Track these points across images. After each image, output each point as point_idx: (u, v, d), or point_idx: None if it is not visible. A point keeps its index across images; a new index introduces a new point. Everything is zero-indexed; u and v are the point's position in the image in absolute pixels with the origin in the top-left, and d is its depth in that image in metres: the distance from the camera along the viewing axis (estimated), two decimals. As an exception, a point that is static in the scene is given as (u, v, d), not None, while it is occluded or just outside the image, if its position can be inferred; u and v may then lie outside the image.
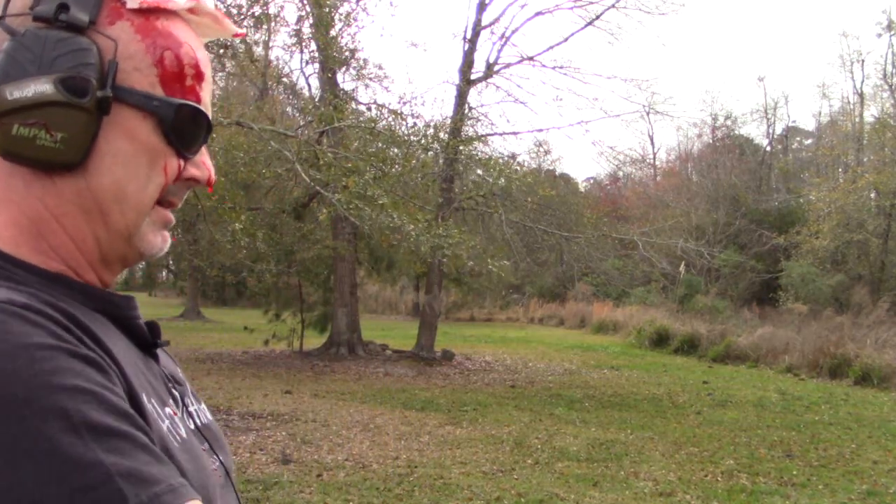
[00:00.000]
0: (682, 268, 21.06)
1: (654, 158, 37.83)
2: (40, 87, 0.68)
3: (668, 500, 5.79)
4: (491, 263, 12.17)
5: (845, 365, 12.45)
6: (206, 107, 0.78)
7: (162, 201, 0.76)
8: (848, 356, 12.56)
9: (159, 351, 0.82)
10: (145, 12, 0.74)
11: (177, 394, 0.80)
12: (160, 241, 0.78)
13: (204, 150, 0.80)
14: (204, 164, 0.79)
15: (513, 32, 16.34)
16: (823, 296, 20.13)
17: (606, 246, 18.25)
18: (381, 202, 9.44)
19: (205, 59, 0.78)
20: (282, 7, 12.46)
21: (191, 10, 0.78)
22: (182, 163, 0.76)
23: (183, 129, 0.75)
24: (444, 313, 21.75)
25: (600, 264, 18.94)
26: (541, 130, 23.68)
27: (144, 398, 0.68)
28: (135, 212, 0.74)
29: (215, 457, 0.80)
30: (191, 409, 0.82)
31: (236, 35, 0.84)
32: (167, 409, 0.74)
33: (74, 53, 0.69)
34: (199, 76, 0.76)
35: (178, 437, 0.71)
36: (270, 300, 16.53)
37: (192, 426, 0.79)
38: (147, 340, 0.79)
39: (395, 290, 28.13)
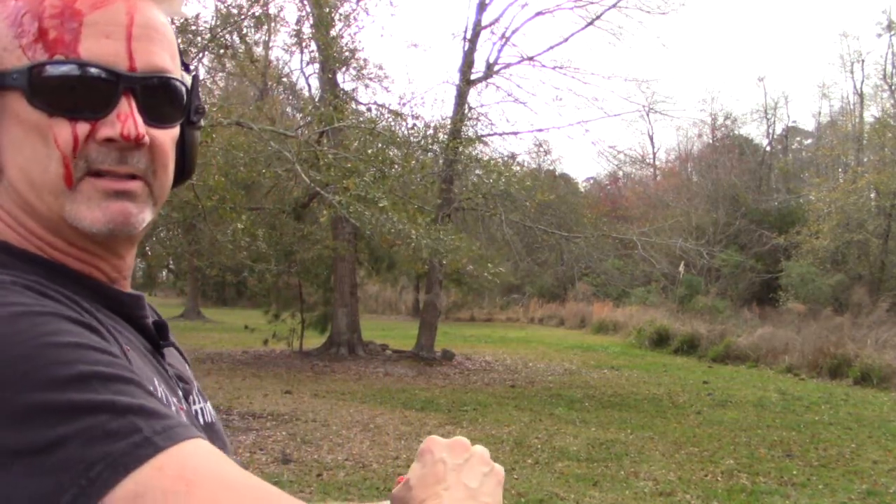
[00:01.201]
0: (681, 268, 21.06)
1: (654, 158, 37.84)
2: None
3: (668, 499, 5.79)
4: (489, 270, 12.20)
5: (845, 365, 12.45)
6: (97, 53, 0.67)
7: (97, 172, 0.69)
8: (848, 356, 12.57)
9: (168, 350, 0.81)
10: None
11: (181, 392, 0.79)
12: (100, 215, 0.69)
13: (126, 102, 0.69)
14: (119, 118, 0.68)
15: (513, 32, 16.36)
16: (823, 296, 20.14)
17: (606, 246, 18.26)
18: (381, 205, 9.44)
19: (92, 3, 0.68)
20: (282, 7, 12.48)
21: None
22: (84, 126, 0.68)
23: (56, 90, 0.66)
24: (444, 313, 21.75)
25: (600, 264, 18.96)
26: (541, 130, 23.63)
27: (145, 379, 0.67)
28: (49, 194, 0.68)
29: None
30: (195, 407, 0.81)
31: None
32: (173, 400, 0.74)
33: None
34: (67, 23, 0.66)
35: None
36: (270, 300, 16.54)
37: (196, 424, 0.78)
38: (154, 339, 0.78)
39: (395, 290, 28.14)
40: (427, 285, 16.46)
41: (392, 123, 12.24)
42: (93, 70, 0.67)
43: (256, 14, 10.17)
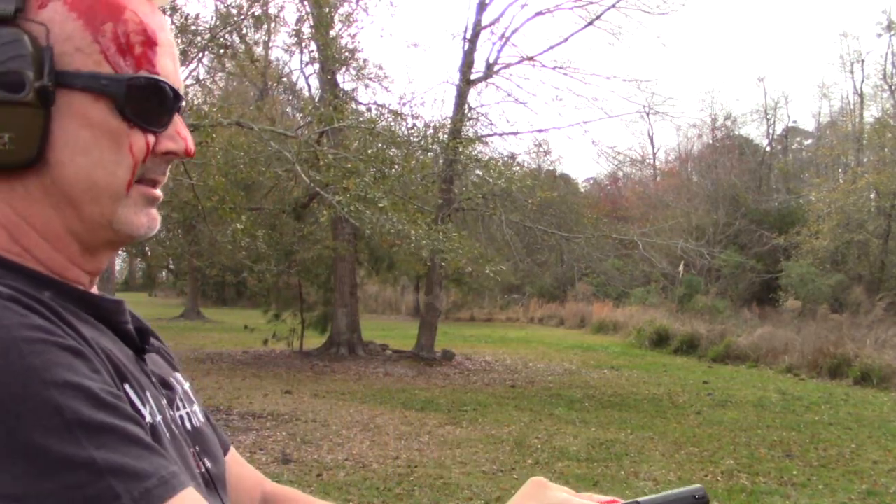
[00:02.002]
0: (681, 268, 21.06)
1: (654, 159, 37.84)
2: None
3: (667, 500, 5.79)
4: (489, 269, 12.20)
5: (845, 365, 12.45)
6: (167, 73, 0.73)
7: (141, 179, 0.72)
8: (848, 356, 12.56)
9: (150, 356, 0.81)
10: None
11: (164, 399, 0.77)
12: (145, 220, 0.73)
13: (178, 119, 0.75)
14: (179, 134, 0.74)
15: (513, 32, 16.35)
16: (823, 296, 20.14)
17: (606, 246, 18.25)
18: (381, 205, 9.44)
19: (158, 23, 0.73)
20: (282, 7, 12.46)
21: None
22: (152, 138, 0.72)
23: (141, 103, 0.70)
24: (444, 313, 21.75)
25: (600, 264, 18.95)
26: (541, 130, 23.61)
27: (130, 390, 0.67)
28: (108, 198, 0.70)
29: (200, 462, 0.77)
30: (180, 412, 0.80)
31: None
32: (153, 407, 0.73)
33: (2, 48, 0.65)
34: (148, 42, 0.71)
35: (168, 432, 0.71)
36: (270, 300, 16.54)
37: (179, 430, 0.77)
38: (136, 345, 0.77)
39: (396, 290, 28.14)
40: (427, 285, 16.46)
41: (392, 123, 12.24)
42: (169, 88, 0.72)
43: (256, 14, 10.19)
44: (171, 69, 0.74)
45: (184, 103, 0.77)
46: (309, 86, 16.60)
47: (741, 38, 64.06)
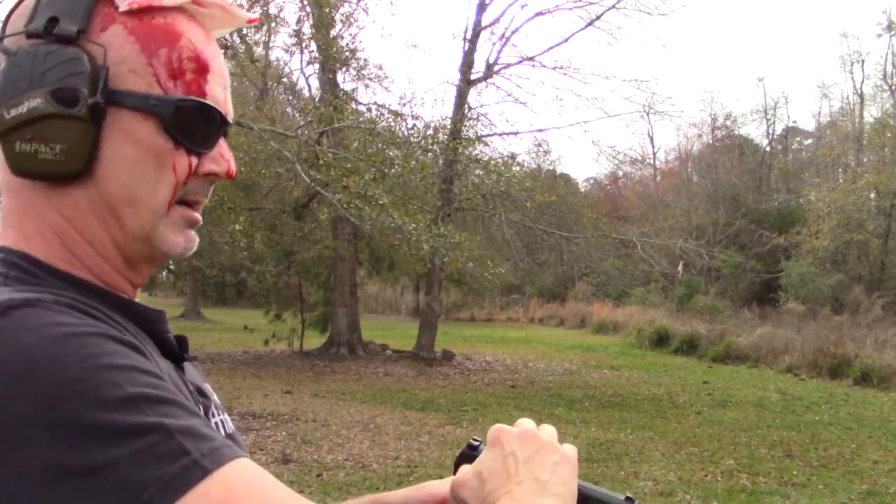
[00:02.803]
0: (680, 267, 21.06)
1: (654, 158, 37.83)
2: (32, 103, 0.69)
3: (668, 500, 5.79)
4: (489, 269, 12.20)
5: (845, 365, 12.44)
6: (216, 99, 0.77)
7: (182, 200, 0.76)
8: (848, 356, 12.56)
9: (187, 364, 0.84)
10: (138, 13, 0.73)
11: (201, 406, 0.81)
12: (182, 241, 0.77)
13: (222, 142, 0.79)
14: (222, 156, 0.78)
15: (513, 33, 16.36)
16: (823, 296, 20.13)
17: (606, 246, 18.25)
18: (381, 202, 9.44)
19: (212, 52, 0.77)
20: (282, 7, 12.46)
21: (196, 3, 0.77)
22: (195, 159, 0.75)
23: (187, 125, 0.74)
24: (444, 313, 21.75)
25: (600, 264, 18.95)
26: (541, 130, 23.61)
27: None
28: (149, 213, 0.74)
29: None
30: (214, 420, 0.84)
31: (250, 21, 0.83)
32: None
33: (63, 65, 0.69)
34: (201, 69, 0.75)
35: None
36: (270, 300, 16.54)
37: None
38: (175, 353, 0.81)
39: (396, 290, 28.12)
40: (427, 285, 16.46)
41: (392, 123, 12.24)
42: (216, 113, 0.76)
43: (256, 14, 10.17)
44: (221, 96, 0.78)
45: (229, 128, 0.80)
46: (309, 86, 16.61)
47: (741, 38, 64.09)
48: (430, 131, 12.65)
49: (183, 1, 0.75)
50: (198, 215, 0.78)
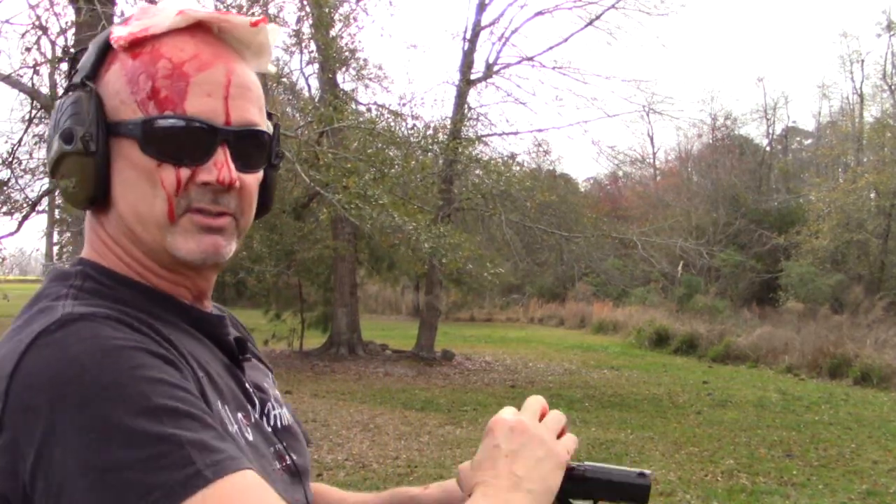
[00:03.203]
0: (679, 267, 21.05)
1: (654, 158, 37.81)
2: (55, 146, 0.81)
3: (668, 500, 5.79)
4: (488, 269, 12.18)
5: (845, 365, 12.44)
6: (200, 110, 0.79)
7: (195, 209, 0.81)
8: (847, 356, 12.56)
9: (249, 363, 0.93)
10: (130, 49, 0.80)
11: (257, 400, 0.90)
12: (195, 246, 0.82)
13: (220, 150, 0.81)
14: (215, 165, 0.80)
15: (512, 33, 16.37)
16: (823, 295, 20.13)
17: (606, 246, 18.24)
18: (381, 202, 9.44)
19: (201, 62, 0.80)
20: (281, 7, 12.44)
21: (202, 23, 0.82)
22: (186, 171, 0.80)
23: (162, 142, 0.78)
24: (444, 313, 21.74)
25: (600, 264, 18.95)
26: (541, 130, 23.60)
27: (215, 401, 0.79)
28: (153, 226, 0.81)
29: (287, 456, 0.89)
30: (272, 413, 0.92)
31: (252, 24, 0.85)
32: (239, 415, 0.83)
33: (68, 109, 0.80)
34: (176, 84, 0.78)
35: (244, 439, 0.81)
36: (270, 300, 16.53)
37: (270, 428, 0.89)
38: (234, 354, 0.89)
39: (396, 290, 28.09)
40: (427, 285, 16.46)
41: (392, 123, 12.23)
42: (195, 124, 0.79)
43: (256, 14, 10.16)
44: (211, 105, 0.80)
45: (236, 133, 0.82)
46: (309, 86, 16.59)
47: (741, 38, 64.11)
48: (430, 131, 12.64)
49: (170, 25, 0.80)
50: (212, 221, 0.82)
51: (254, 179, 0.86)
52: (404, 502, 1.02)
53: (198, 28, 0.82)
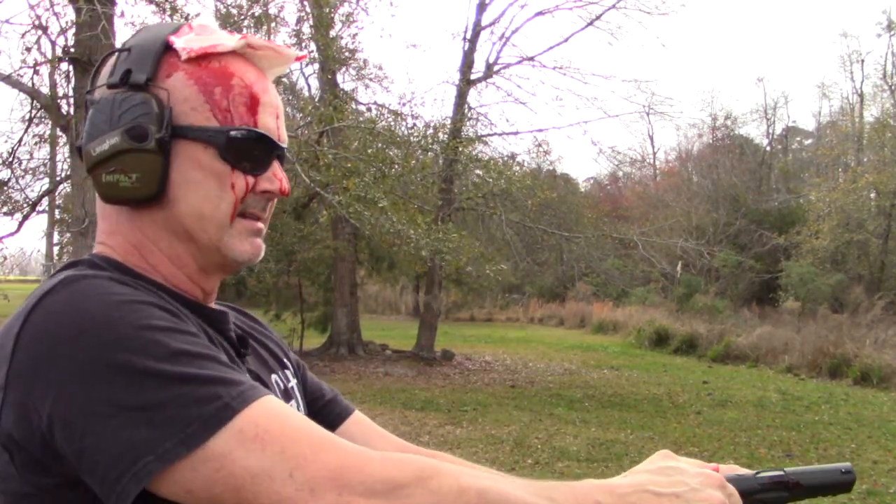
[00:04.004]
0: (679, 267, 21.04)
1: (654, 158, 37.82)
2: (112, 140, 0.84)
3: (667, 499, 5.79)
4: (489, 268, 12.18)
5: (845, 365, 12.44)
6: (267, 128, 0.89)
7: (244, 213, 0.89)
8: (847, 356, 12.55)
9: (250, 357, 0.97)
10: (196, 60, 0.87)
11: None
12: (249, 248, 0.90)
13: (276, 164, 0.91)
14: (276, 176, 0.91)
15: (513, 33, 16.35)
16: (823, 295, 20.12)
17: (606, 246, 18.23)
18: (381, 205, 9.43)
19: (262, 87, 0.89)
20: (281, 7, 12.44)
21: (250, 46, 0.90)
22: (251, 179, 0.88)
23: (241, 151, 0.87)
24: (444, 313, 21.74)
25: (600, 264, 18.94)
26: (541, 130, 23.55)
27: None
28: (214, 227, 0.87)
29: None
30: None
31: (298, 59, 0.96)
32: None
33: (134, 108, 0.84)
34: (252, 103, 0.88)
35: None
36: (270, 300, 16.53)
37: None
38: (236, 349, 0.94)
39: (395, 290, 28.10)
40: (427, 285, 16.45)
41: (392, 123, 12.23)
42: (266, 139, 0.89)
43: (256, 14, 10.17)
44: (273, 125, 0.90)
45: (284, 151, 0.93)
46: (309, 86, 16.60)
47: (741, 38, 64.09)
48: (430, 131, 12.64)
49: (235, 46, 0.88)
50: (260, 224, 0.91)
51: None
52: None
53: (235, 52, 0.90)
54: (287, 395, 1.01)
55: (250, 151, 0.88)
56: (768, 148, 32.42)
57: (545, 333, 22.09)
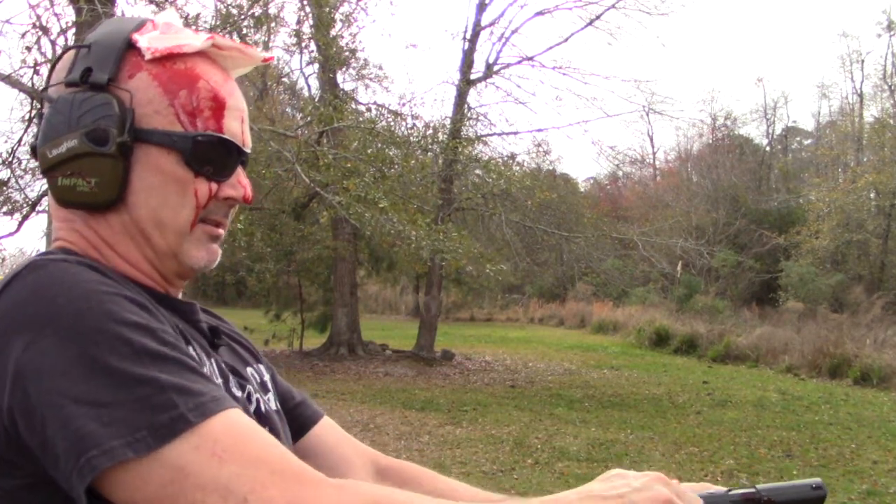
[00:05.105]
0: (679, 267, 21.04)
1: (654, 158, 37.81)
2: (70, 143, 0.80)
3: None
4: (489, 269, 12.18)
5: (845, 365, 12.43)
6: (232, 133, 0.86)
7: (205, 219, 0.87)
8: (847, 356, 12.55)
9: (224, 349, 0.95)
10: (161, 60, 0.83)
11: (239, 388, 0.91)
12: (205, 255, 0.87)
13: (240, 170, 0.89)
14: (240, 183, 0.88)
15: (512, 33, 16.35)
16: (823, 295, 20.12)
17: (606, 246, 18.23)
18: (381, 205, 9.43)
19: (228, 90, 0.87)
20: (282, 7, 12.44)
21: (216, 47, 0.86)
22: (215, 185, 0.85)
23: (205, 156, 0.84)
24: (444, 313, 21.73)
25: (600, 264, 18.94)
26: (541, 130, 23.55)
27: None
28: (173, 234, 0.84)
29: None
30: (254, 396, 0.93)
31: (265, 60, 0.92)
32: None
33: (95, 109, 0.80)
34: (218, 107, 0.85)
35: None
36: (270, 300, 16.53)
37: (253, 411, 0.90)
38: (209, 340, 0.91)
39: (395, 290, 28.10)
40: (427, 285, 16.45)
41: (392, 123, 12.23)
42: (231, 145, 0.86)
43: (256, 14, 10.16)
44: (238, 129, 0.88)
45: (248, 156, 0.91)
46: (309, 86, 16.61)
47: (741, 38, 64.03)
48: (430, 131, 12.64)
49: (202, 46, 0.85)
50: (220, 231, 0.89)
51: None
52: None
53: (206, 53, 0.87)
54: (264, 388, 0.99)
55: (215, 157, 0.85)
56: (768, 148, 32.43)
57: (545, 333, 22.09)
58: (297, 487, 0.68)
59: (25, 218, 10.04)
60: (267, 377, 1.03)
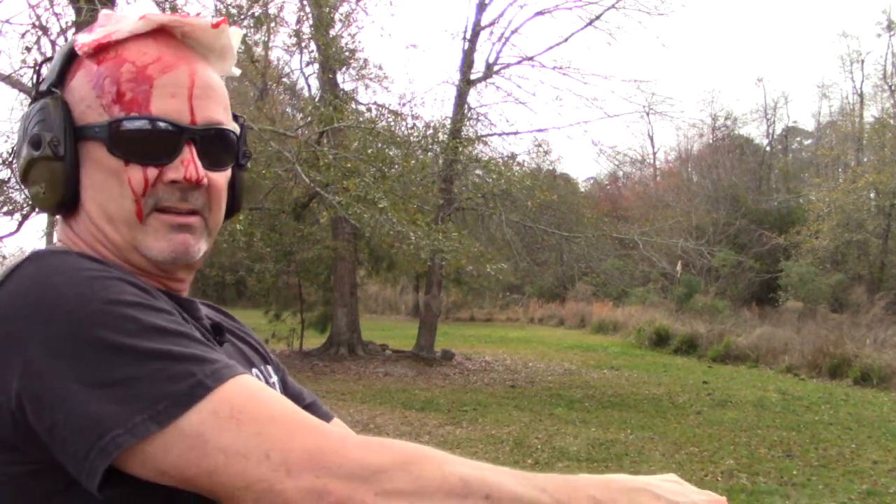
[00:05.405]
0: (678, 267, 21.03)
1: (654, 158, 37.80)
2: (24, 152, 0.83)
3: (667, 500, 5.78)
4: (490, 268, 12.18)
5: (845, 365, 12.43)
6: (164, 111, 0.81)
7: (162, 208, 0.83)
8: (847, 356, 12.55)
9: (226, 346, 0.95)
10: (94, 55, 0.82)
11: None
12: (167, 245, 0.84)
13: (187, 148, 0.83)
14: (182, 163, 0.82)
15: (512, 33, 16.35)
16: (823, 295, 20.12)
17: (606, 246, 18.23)
18: (381, 205, 9.43)
19: (164, 65, 0.82)
20: (281, 7, 12.45)
21: (163, 27, 0.83)
22: (153, 171, 0.82)
23: (128, 142, 0.81)
24: (444, 313, 21.73)
25: (600, 264, 18.94)
26: (541, 130, 23.51)
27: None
28: (124, 226, 0.83)
29: None
30: None
31: (213, 26, 0.86)
32: None
33: (36, 115, 0.82)
34: (140, 86, 0.81)
35: None
36: (270, 300, 16.53)
37: None
38: (211, 337, 0.91)
39: (395, 290, 28.10)
40: (427, 285, 16.45)
41: (392, 123, 12.23)
42: (161, 124, 0.81)
43: (256, 14, 10.17)
44: (175, 106, 0.82)
45: (213, 131, 0.85)
46: (309, 86, 16.61)
47: (741, 38, 64.03)
48: (430, 131, 12.64)
49: (133, 29, 0.82)
50: (182, 219, 0.84)
51: (221, 178, 0.88)
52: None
53: (161, 33, 0.84)
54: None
55: (142, 141, 0.81)
56: (768, 148, 32.43)
57: (545, 333, 22.08)
58: (317, 439, 0.69)
59: (25, 218, 10.04)
60: (275, 379, 1.04)
